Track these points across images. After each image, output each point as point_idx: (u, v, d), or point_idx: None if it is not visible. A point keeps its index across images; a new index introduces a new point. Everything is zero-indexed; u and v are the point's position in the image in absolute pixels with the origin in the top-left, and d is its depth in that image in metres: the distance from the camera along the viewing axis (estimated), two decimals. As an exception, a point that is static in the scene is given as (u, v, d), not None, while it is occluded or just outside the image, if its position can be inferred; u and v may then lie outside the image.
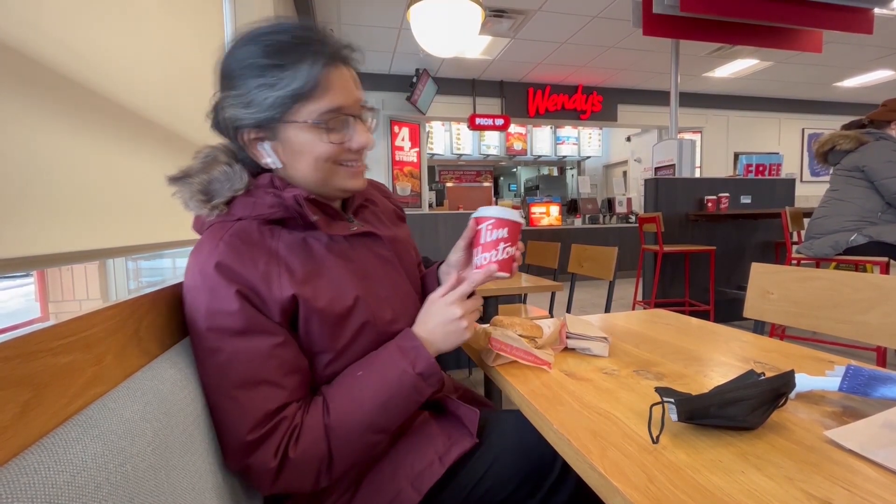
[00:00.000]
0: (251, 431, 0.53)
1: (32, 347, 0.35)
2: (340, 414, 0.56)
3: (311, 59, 0.56)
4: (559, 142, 7.46)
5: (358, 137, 0.62)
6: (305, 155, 0.60)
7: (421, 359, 0.61)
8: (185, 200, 0.60)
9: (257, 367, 0.54)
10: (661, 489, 0.39)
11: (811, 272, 0.96)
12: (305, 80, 0.56)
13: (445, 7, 2.29)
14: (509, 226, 0.66)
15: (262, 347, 0.55)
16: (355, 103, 0.62)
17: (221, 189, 0.60)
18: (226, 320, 0.54)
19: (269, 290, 0.56)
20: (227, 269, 0.54)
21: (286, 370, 0.56)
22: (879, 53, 5.27)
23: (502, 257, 0.66)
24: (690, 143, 3.77)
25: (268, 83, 0.56)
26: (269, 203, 0.60)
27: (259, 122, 0.58)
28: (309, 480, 0.56)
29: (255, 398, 0.54)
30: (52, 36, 0.64)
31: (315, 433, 0.55)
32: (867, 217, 2.24)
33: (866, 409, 0.53)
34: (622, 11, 4.02)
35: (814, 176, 7.41)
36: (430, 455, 0.64)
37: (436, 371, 0.62)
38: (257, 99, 0.57)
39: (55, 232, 0.62)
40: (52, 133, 0.62)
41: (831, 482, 0.39)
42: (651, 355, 0.75)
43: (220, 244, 0.56)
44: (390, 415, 0.59)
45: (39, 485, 0.30)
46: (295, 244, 0.61)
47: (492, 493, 0.65)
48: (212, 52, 0.62)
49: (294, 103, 0.57)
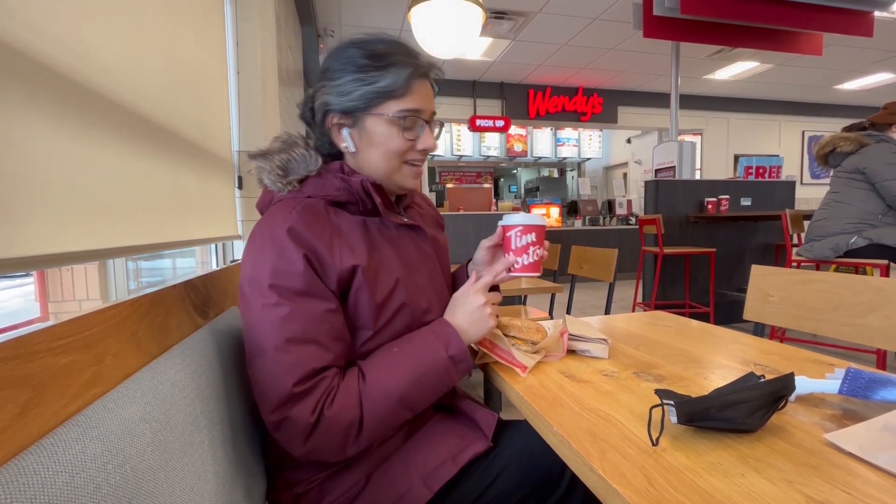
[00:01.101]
0: (297, 384, 0.56)
1: (32, 347, 0.35)
2: (375, 383, 0.60)
3: (403, 67, 0.65)
4: (559, 143, 7.46)
5: (425, 139, 0.70)
6: (380, 146, 0.68)
7: (454, 343, 0.64)
8: (263, 175, 0.69)
9: (311, 327, 0.59)
10: (660, 491, 0.39)
11: (811, 275, 0.96)
12: (394, 82, 0.65)
13: (446, 9, 2.29)
14: (536, 230, 0.73)
15: (318, 310, 0.60)
16: (429, 113, 0.70)
17: (297, 168, 0.68)
18: (290, 280, 0.59)
19: (332, 259, 0.62)
20: (297, 234, 0.61)
21: (334, 335, 0.61)
22: (879, 56, 5.28)
23: (532, 260, 0.72)
24: (691, 146, 3.77)
25: (362, 79, 0.65)
26: (336, 186, 0.68)
27: (346, 109, 0.67)
28: (338, 444, 0.58)
29: (305, 353, 0.58)
30: (52, 35, 0.64)
31: (350, 397, 0.58)
32: (867, 219, 2.24)
33: (866, 412, 0.52)
34: (623, 13, 4.02)
35: (814, 178, 7.41)
36: (444, 454, 0.65)
37: (466, 358, 0.65)
38: (350, 90, 0.66)
39: (55, 232, 0.62)
40: (52, 133, 0.63)
41: (831, 485, 0.39)
42: (651, 357, 0.75)
43: (294, 213, 0.63)
44: (420, 392, 0.62)
45: (38, 486, 0.30)
46: (354, 224, 0.68)
47: (499, 500, 0.65)
48: (212, 51, 0.62)
49: (381, 99, 0.66)
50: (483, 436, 0.68)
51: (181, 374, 0.52)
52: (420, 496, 0.61)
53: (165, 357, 0.53)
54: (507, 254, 0.74)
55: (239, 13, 1.74)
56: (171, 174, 1.07)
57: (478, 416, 0.71)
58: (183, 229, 1.12)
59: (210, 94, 1.40)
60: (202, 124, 1.30)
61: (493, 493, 0.65)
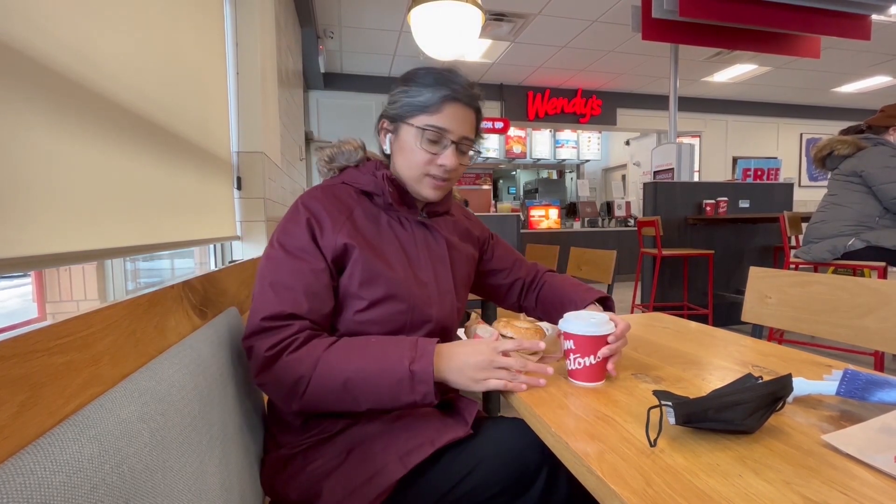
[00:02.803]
0: (265, 319, 0.66)
1: (29, 347, 0.35)
2: (335, 356, 0.65)
3: (439, 89, 0.75)
4: (558, 145, 7.46)
5: (445, 157, 0.76)
6: (405, 153, 0.77)
7: (423, 362, 0.63)
8: (318, 165, 0.85)
9: (293, 278, 0.69)
10: (658, 493, 0.39)
11: (809, 277, 0.96)
12: (429, 98, 0.75)
13: (446, 10, 2.30)
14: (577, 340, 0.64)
15: (304, 267, 0.70)
16: (460, 136, 0.76)
17: (340, 159, 0.83)
18: (291, 239, 0.71)
19: (332, 232, 0.72)
20: (310, 206, 0.74)
21: (312, 291, 0.69)
22: (877, 59, 5.30)
23: (575, 367, 0.65)
24: (689, 148, 3.78)
25: (406, 91, 0.77)
26: (367, 179, 0.80)
27: (391, 116, 0.79)
28: (284, 391, 0.65)
29: (281, 297, 0.67)
30: (51, 35, 0.64)
31: (311, 355, 0.64)
32: (865, 222, 2.24)
33: (864, 414, 0.53)
34: (622, 16, 4.03)
35: (812, 181, 7.43)
36: (423, 437, 0.66)
37: (427, 381, 0.62)
38: (397, 100, 0.78)
39: (53, 232, 0.62)
40: (52, 133, 0.62)
41: (829, 486, 0.39)
42: (649, 359, 0.75)
43: (318, 191, 0.77)
44: (366, 387, 0.63)
45: (35, 485, 0.30)
46: (369, 212, 0.78)
47: (476, 492, 0.65)
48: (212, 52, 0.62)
49: (416, 111, 0.76)
50: (463, 422, 0.69)
51: (179, 374, 0.52)
52: (395, 472, 0.63)
53: (163, 357, 0.53)
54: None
55: (239, 14, 1.74)
56: (170, 175, 1.07)
57: (460, 405, 0.73)
58: (182, 230, 1.12)
59: (209, 94, 1.40)
60: (201, 125, 1.30)
61: (469, 483, 0.65)
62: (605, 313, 0.72)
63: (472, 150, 0.80)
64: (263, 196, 1.78)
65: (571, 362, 0.65)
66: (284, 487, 0.69)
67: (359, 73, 5.62)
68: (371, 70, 5.54)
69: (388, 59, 5.20)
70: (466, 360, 0.65)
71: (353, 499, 0.63)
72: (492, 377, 0.64)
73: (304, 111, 5.19)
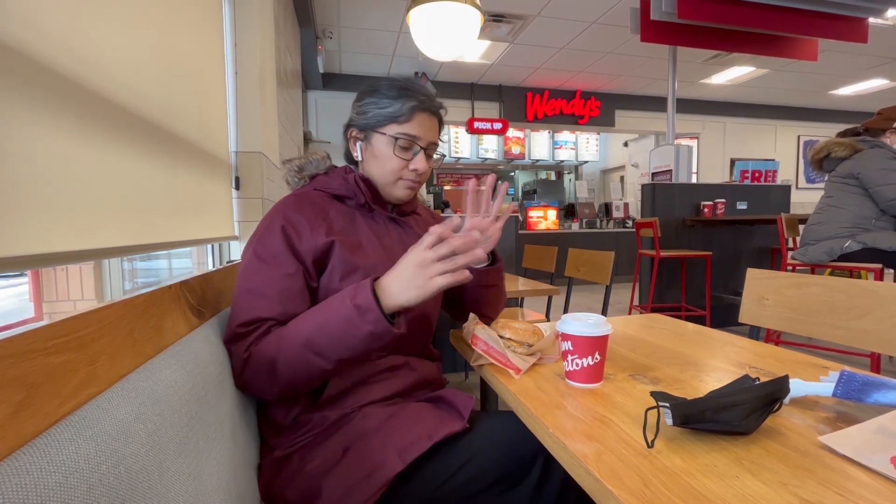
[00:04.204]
0: (240, 326, 0.70)
1: (26, 347, 0.35)
2: (290, 328, 0.68)
3: (409, 100, 0.80)
4: (557, 146, 7.47)
5: (417, 162, 0.82)
6: (379, 159, 0.82)
7: (361, 294, 0.64)
8: (287, 175, 0.89)
9: (267, 284, 0.72)
10: (655, 493, 0.39)
11: (806, 278, 0.97)
12: (399, 109, 0.80)
13: (445, 11, 2.30)
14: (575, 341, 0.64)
15: (277, 274, 0.72)
16: (428, 142, 0.83)
17: (310, 168, 0.88)
18: (266, 247, 0.74)
19: (311, 234, 0.75)
20: (285, 213, 0.76)
21: (285, 295, 0.72)
22: (874, 62, 5.33)
23: (573, 368, 0.64)
24: (687, 149, 3.79)
25: (377, 103, 0.81)
26: (338, 183, 0.84)
27: (361, 126, 0.84)
28: (263, 381, 0.68)
29: (255, 304, 0.71)
30: (46, 32, 0.63)
31: (272, 340, 0.68)
32: (861, 224, 2.25)
33: (860, 415, 0.53)
34: (620, 18, 4.04)
35: (809, 183, 7.46)
36: (420, 432, 0.67)
37: (371, 307, 0.63)
38: (367, 111, 0.82)
39: (50, 231, 0.61)
40: (49, 132, 0.62)
41: (825, 487, 0.39)
42: (647, 360, 0.75)
43: (292, 199, 0.80)
44: (325, 338, 0.65)
45: (31, 486, 0.30)
46: (344, 212, 0.83)
47: (471, 483, 0.66)
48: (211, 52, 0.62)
49: (387, 121, 0.81)
50: (459, 416, 0.70)
51: (177, 374, 0.52)
52: (393, 467, 0.63)
53: (161, 357, 0.53)
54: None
55: (237, 14, 1.74)
56: (168, 174, 1.06)
57: (457, 401, 0.74)
58: (179, 229, 1.11)
59: (208, 94, 1.40)
60: (200, 125, 1.30)
61: (465, 475, 0.66)
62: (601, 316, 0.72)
63: (437, 153, 0.87)
64: (262, 196, 1.78)
65: (569, 363, 0.65)
66: (282, 490, 0.69)
67: (358, 74, 5.62)
68: (370, 70, 5.54)
69: (387, 60, 5.20)
70: (403, 274, 0.65)
71: (353, 496, 0.63)
72: (434, 274, 0.63)
73: (303, 111, 5.18)
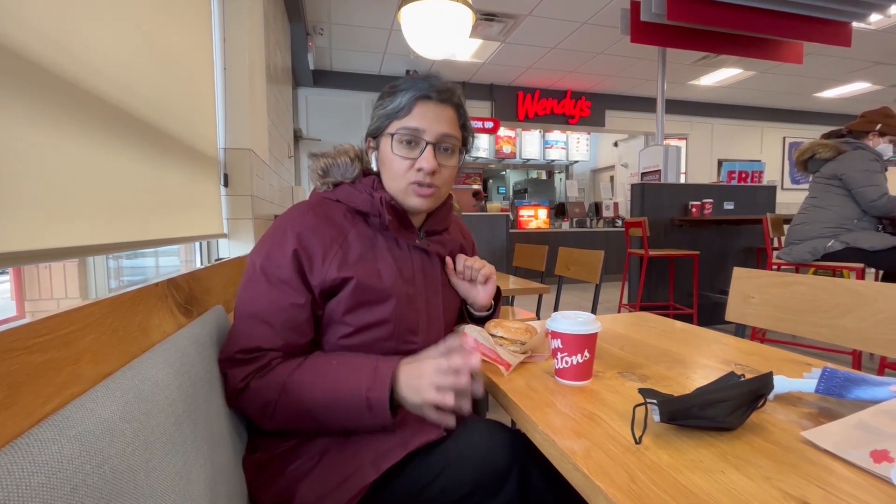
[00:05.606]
0: (240, 352, 0.66)
1: (7, 345, 0.34)
2: (298, 383, 0.64)
3: (408, 91, 0.72)
4: (548, 146, 7.50)
5: (423, 159, 0.72)
6: (387, 164, 0.75)
7: (378, 388, 0.62)
8: (310, 173, 0.80)
9: (273, 312, 0.67)
10: (643, 489, 0.39)
11: (790, 277, 0.99)
12: (399, 104, 0.72)
13: (436, 9, 2.29)
14: (563, 338, 0.64)
15: (285, 301, 0.68)
16: (436, 134, 0.72)
17: (335, 173, 0.78)
18: (275, 268, 0.68)
19: (322, 264, 0.69)
20: (300, 234, 0.69)
21: (290, 326, 0.68)
22: (857, 66, 5.43)
23: (562, 366, 0.65)
24: (676, 150, 3.83)
25: (381, 105, 0.75)
26: (363, 199, 0.75)
27: (371, 132, 0.77)
28: (257, 413, 0.67)
29: (257, 330, 0.67)
30: (33, 28, 0.62)
31: (276, 381, 0.65)
32: (844, 224, 2.30)
33: (841, 411, 0.54)
34: (611, 18, 4.07)
35: (794, 183, 7.59)
36: (396, 440, 0.66)
37: (382, 409, 0.62)
38: (374, 115, 0.76)
39: (33, 228, 0.60)
40: (34, 127, 0.61)
41: (807, 481, 0.40)
42: (635, 357, 0.76)
43: (310, 213, 0.72)
44: (328, 415, 0.64)
45: (13, 486, 0.29)
46: (365, 235, 0.74)
47: (446, 493, 0.65)
48: (199, 47, 0.61)
49: (388, 119, 0.74)
50: (436, 424, 0.67)
51: (163, 373, 0.51)
52: (367, 475, 0.62)
53: (147, 356, 0.52)
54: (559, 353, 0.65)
55: (226, 8, 1.71)
56: (155, 170, 1.05)
57: None
58: (167, 227, 1.10)
59: (196, 89, 1.38)
60: (187, 120, 1.28)
61: (439, 484, 0.65)
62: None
63: (459, 148, 0.76)
64: (251, 193, 1.76)
65: (559, 361, 0.65)
66: (260, 492, 0.68)
67: (348, 71, 5.59)
68: (361, 68, 5.51)
69: (378, 57, 5.18)
70: (415, 377, 0.63)
71: (326, 502, 0.62)
72: (434, 383, 0.61)
73: (293, 108, 5.14)
